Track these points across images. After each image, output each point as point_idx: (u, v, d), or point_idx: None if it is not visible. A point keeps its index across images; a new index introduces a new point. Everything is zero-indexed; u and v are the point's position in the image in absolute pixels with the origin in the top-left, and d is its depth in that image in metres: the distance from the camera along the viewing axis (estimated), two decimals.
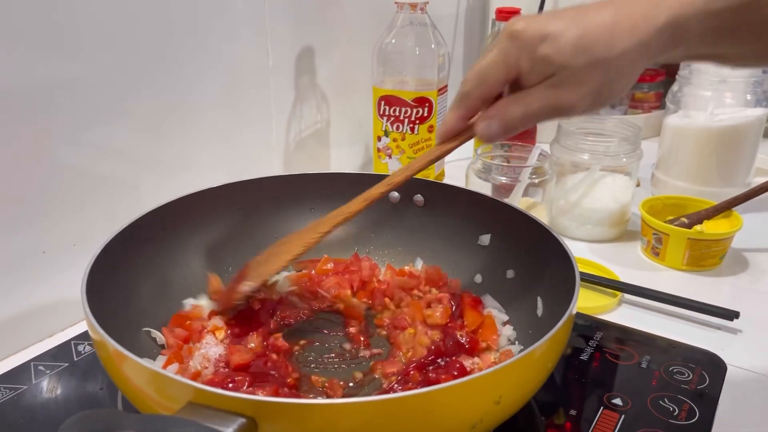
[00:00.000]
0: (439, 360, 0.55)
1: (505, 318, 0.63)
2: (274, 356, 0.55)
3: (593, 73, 0.43)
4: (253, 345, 0.56)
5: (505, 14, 1.09)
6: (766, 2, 0.42)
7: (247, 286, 0.59)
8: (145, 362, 0.40)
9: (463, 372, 0.52)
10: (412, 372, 0.54)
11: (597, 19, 0.43)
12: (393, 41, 0.90)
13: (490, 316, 0.62)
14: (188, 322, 0.60)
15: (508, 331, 0.61)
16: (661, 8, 0.42)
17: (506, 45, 0.46)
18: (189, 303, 0.63)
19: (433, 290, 0.66)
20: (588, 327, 0.65)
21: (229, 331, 0.59)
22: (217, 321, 0.60)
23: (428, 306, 0.63)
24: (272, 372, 0.52)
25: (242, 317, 0.61)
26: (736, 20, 0.42)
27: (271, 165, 0.92)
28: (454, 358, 0.55)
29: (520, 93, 0.46)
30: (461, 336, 0.57)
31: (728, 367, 0.59)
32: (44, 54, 0.60)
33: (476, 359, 0.55)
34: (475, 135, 0.50)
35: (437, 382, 0.51)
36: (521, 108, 0.46)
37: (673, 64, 1.06)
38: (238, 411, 0.35)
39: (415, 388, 0.51)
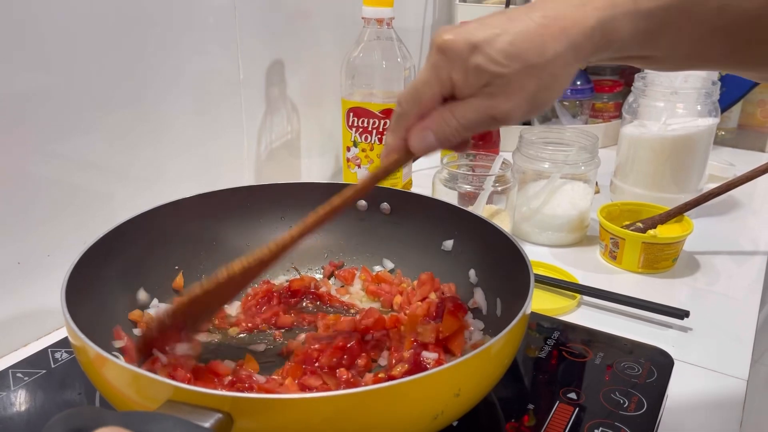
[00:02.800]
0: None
1: (482, 325, 0.65)
2: None
3: (527, 80, 0.42)
4: None
5: None
6: (691, 7, 0.43)
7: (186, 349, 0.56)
8: (125, 364, 0.42)
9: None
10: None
11: (526, 24, 0.42)
12: (360, 55, 0.93)
13: (463, 326, 0.63)
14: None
15: (477, 336, 0.64)
16: (589, 9, 0.42)
17: (436, 59, 0.44)
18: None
19: (432, 295, 0.68)
20: (548, 327, 0.68)
21: None
22: None
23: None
24: None
25: None
26: (664, 21, 0.43)
27: (243, 175, 0.94)
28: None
29: (455, 104, 0.45)
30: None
31: (677, 362, 0.63)
32: (16, 66, 0.61)
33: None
34: (411, 149, 0.48)
35: None
36: (456, 120, 0.45)
37: (630, 75, 1.11)
38: (215, 407, 0.38)
39: None
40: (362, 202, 0.75)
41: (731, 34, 0.44)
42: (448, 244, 0.70)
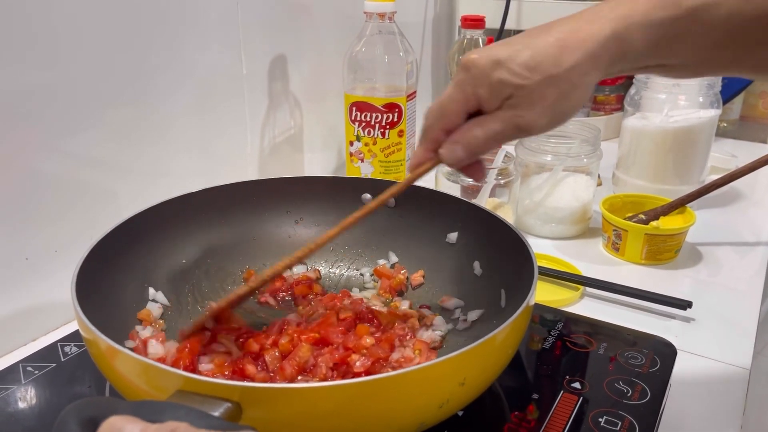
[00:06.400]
0: None
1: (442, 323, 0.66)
2: None
3: (548, 89, 0.45)
4: None
5: (470, 22, 1.13)
6: (701, 15, 0.45)
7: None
8: (136, 355, 0.43)
9: None
10: None
11: (545, 39, 0.46)
12: (363, 49, 0.93)
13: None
14: None
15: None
16: (604, 22, 0.45)
17: (462, 77, 0.48)
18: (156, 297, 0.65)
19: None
20: (552, 319, 0.68)
21: None
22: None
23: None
24: None
25: None
26: (676, 30, 0.45)
27: (246, 171, 0.95)
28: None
29: (482, 117, 0.48)
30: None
31: (680, 352, 0.63)
32: (21, 63, 0.62)
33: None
34: (442, 161, 0.51)
35: None
36: (483, 131, 0.48)
37: None
38: (224, 396, 0.38)
39: None
40: (367, 196, 0.75)
41: (742, 38, 0.45)
42: (453, 236, 0.71)
